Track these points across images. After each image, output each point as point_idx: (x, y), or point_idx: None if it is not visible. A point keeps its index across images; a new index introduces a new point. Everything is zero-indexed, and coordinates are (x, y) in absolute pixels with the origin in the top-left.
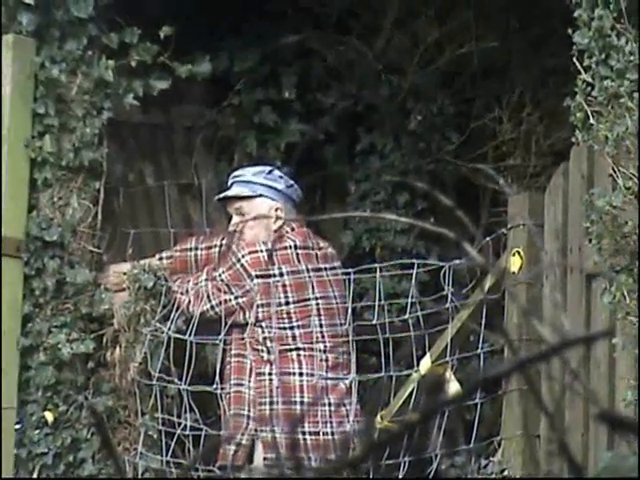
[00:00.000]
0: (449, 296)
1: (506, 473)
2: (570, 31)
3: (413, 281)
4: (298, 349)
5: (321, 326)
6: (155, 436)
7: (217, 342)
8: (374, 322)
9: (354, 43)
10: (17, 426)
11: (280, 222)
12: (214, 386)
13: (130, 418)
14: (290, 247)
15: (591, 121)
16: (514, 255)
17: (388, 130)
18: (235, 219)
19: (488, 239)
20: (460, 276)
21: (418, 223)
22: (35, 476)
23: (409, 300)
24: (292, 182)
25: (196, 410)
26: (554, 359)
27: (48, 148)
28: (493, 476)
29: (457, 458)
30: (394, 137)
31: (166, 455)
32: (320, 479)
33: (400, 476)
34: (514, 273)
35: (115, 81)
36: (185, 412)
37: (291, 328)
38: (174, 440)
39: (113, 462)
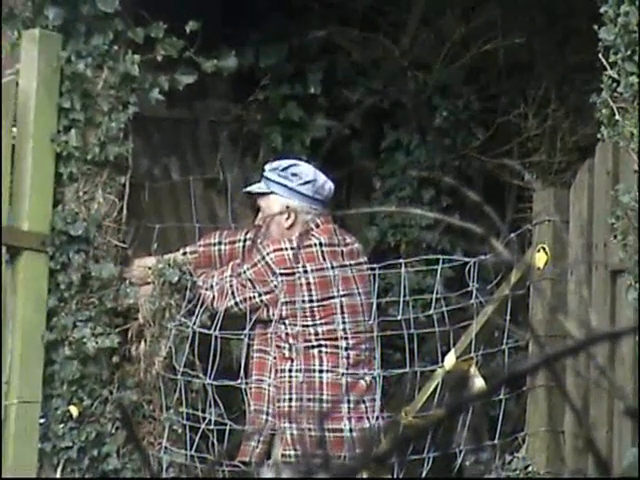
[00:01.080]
0: (474, 292)
1: (530, 469)
2: (596, 27)
3: (438, 277)
4: (320, 346)
5: (344, 323)
6: (179, 431)
7: (242, 337)
8: (399, 318)
9: (380, 39)
10: (42, 420)
11: (291, 221)
12: (239, 381)
13: (155, 412)
14: (315, 245)
15: (617, 117)
16: (539, 251)
17: (414, 126)
18: (260, 214)
19: (513, 235)
20: (485, 272)
21: (445, 218)
22: (60, 470)
23: (434, 296)
24: (312, 179)
25: (221, 405)
26: (580, 355)
27: (74, 142)
28: (517, 472)
29: (482, 454)
30: (420, 133)
31: (190, 450)
32: (344, 477)
33: (424, 472)
34: (539, 269)
35: (141, 76)
36: (210, 407)
37: (314, 325)
38: (198, 435)
39: (139, 456)
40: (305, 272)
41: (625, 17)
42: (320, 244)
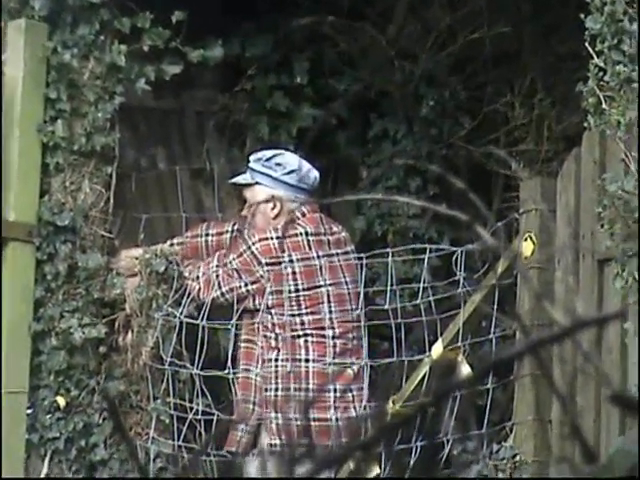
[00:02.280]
0: (461, 281)
1: (518, 458)
2: (582, 16)
3: (425, 266)
4: (307, 335)
5: (331, 312)
6: (167, 421)
7: (229, 327)
8: (386, 307)
9: (367, 29)
10: (29, 411)
11: (277, 210)
12: (226, 371)
13: (142, 403)
14: (301, 234)
15: (603, 106)
16: (526, 240)
17: (400, 115)
18: (246, 205)
19: (500, 223)
20: (472, 261)
21: (431, 206)
22: (47, 460)
23: (421, 285)
24: (296, 168)
25: (208, 395)
26: (566, 343)
27: (60, 133)
28: (505, 461)
29: (469, 443)
30: (406, 122)
31: (178, 440)
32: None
33: (412, 461)
34: (526, 258)
35: (127, 66)
36: (197, 397)
37: (300, 315)
38: (186, 425)
39: (126, 447)
40: (291, 261)
41: (611, 6)
42: (306, 233)
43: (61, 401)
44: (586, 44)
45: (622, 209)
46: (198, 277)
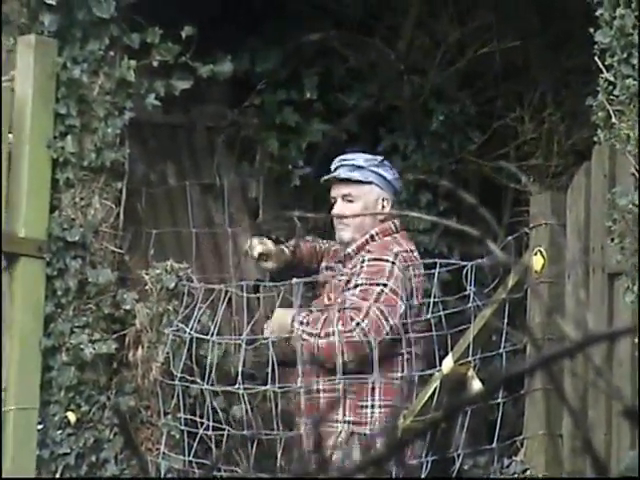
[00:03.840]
0: (471, 295)
1: (529, 473)
2: (592, 30)
3: (435, 280)
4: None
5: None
6: (177, 436)
7: (240, 342)
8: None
9: (376, 44)
10: (39, 427)
11: (385, 212)
12: (236, 386)
13: (152, 418)
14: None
15: (613, 120)
16: (536, 254)
17: (410, 130)
18: (340, 205)
19: (510, 238)
20: (482, 275)
21: (443, 221)
22: (58, 476)
23: (431, 299)
24: (398, 175)
25: (219, 411)
26: (577, 357)
27: (70, 148)
28: (515, 476)
29: (480, 458)
30: (416, 137)
31: (189, 455)
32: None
33: (423, 476)
34: (536, 272)
35: (137, 81)
36: (208, 412)
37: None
38: (196, 440)
39: (138, 462)
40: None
41: (621, 20)
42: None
43: (72, 417)
44: (595, 58)
45: (632, 223)
46: (328, 335)
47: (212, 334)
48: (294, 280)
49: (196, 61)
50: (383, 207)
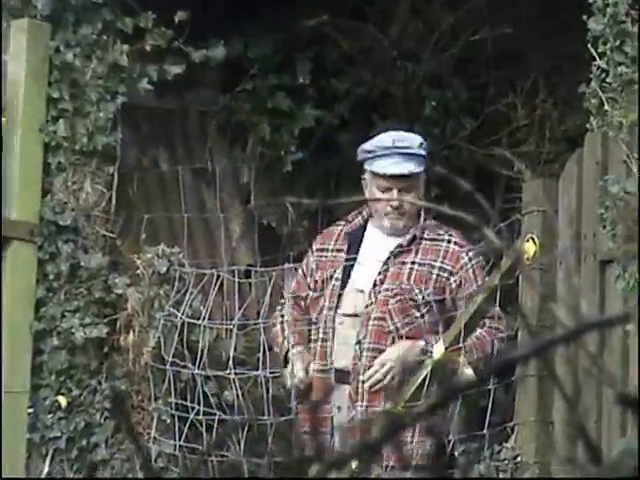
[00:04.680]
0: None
1: (519, 459)
2: (585, 17)
3: None
4: None
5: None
6: (168, 421)
7: (231, 327)
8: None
9: (369, 29)
10: (30, 410)
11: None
12: (227, 371)
13: (143, 403)
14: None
15: (605, 107)
16: (528, 241)
17: (403, 116)
18: (396, 194)
19: (503, 224)
20: None
21: (436, 207)
22: (48, 460)
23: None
24: None
25: (210, 396)
26: (571, 344)
27: (62, 132)
28: (506, 462)
29: (470, 444)
30: (409, 123)
31: (179, 440)
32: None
33: (414, 462)
34: (528, 259)
35: (129, 66)
36: (199, 397)
37: None
38: (187, 425)
39: (133, 446)
40: None
41: (614, 7)
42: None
43: (62, 401)
44: (588, 45)
45: (624, 210)
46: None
47: (203, 319)
48: (286, 265)
49: (189, 46)
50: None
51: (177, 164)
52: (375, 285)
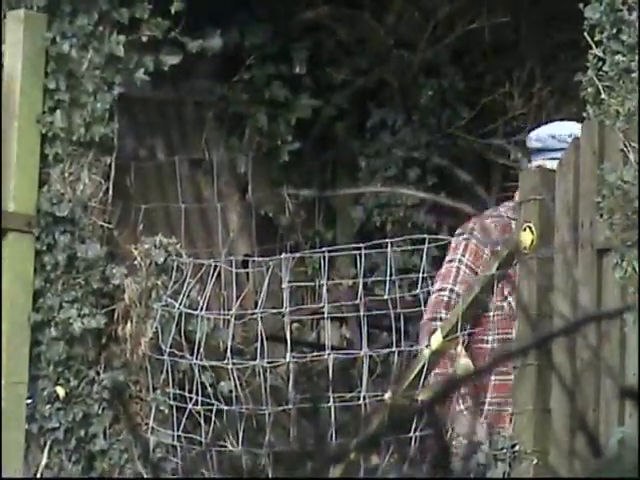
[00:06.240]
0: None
1: (517, 448)
2: (581, 6)
3: (424, 256)
4: None
5: None
6: (166, 411)
7: (229, 317)
8: (385, 297)
9: (365, 18)
10: (28, 401)
11: None
12: (225, 361)
13: (141, 393)
14: None
15: (602, 96)
16: (525, 230)
17: (399, 105)
18: None
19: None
20: None
21: (434, 197)
22: (47, 451)
23: (420, 275)
24: None
25: (208, 387)
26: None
27: (59, 123)
28: (504, 451)
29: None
30: (405, 112)
31: (177, 430)
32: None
33: (411, 451)
34: (525, 248)
35: (126, 56)
36: (197, 387)
37: None
38: (185, 415)
39: (132, 437)
40: None
41: None
42: None
43: (60, 391)
44: (585, 34)
45: (621, 199)
46: None
47: (201, 309)
48: (283, 255)
49: (185, 36)
50: None
51: (174, 154)
52: None
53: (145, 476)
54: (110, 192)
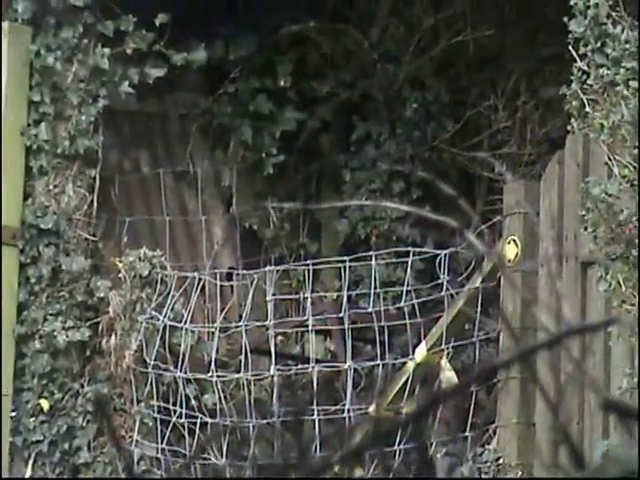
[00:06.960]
0: (445, 284)
1: (501, 461)
2: (566, 19)
3: (409, 269)
4: None
5: None
6: (150, 424)
7: (213, 330)
8: (369, 310)
9: (350, 32)
10: (12, 414)
11: None
12: (210, 374)
13: (125, 406)
14: None
15: (587, 109)
16: (509, 243)
17: (384, 119)
18: None
19: (484, 227)
20: (456, 264)
21: (418, 211)
22: (31, 463)
23: (404, 288)
24: None
25: (192, 399)
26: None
27: (44, 136)
28: (488, 464)
29: (452, 446)
30: (390, 126)
31: (161, 443)
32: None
33: (396, 464)
34: (510, 261)
35: (110, 69)
36: (181, 400)
37: None
38: (169, 428)
39: (118, 451)
40: None
41: (595, 9)
42: None
43: (45, 404)
44: (569, 47)
45: (605, 212)
46: None
47: (185, 322)
48: (267, 267)
49: (170, 49)
50: None
51: (159, 167)
52: None
53: None
54: (95, 205)
